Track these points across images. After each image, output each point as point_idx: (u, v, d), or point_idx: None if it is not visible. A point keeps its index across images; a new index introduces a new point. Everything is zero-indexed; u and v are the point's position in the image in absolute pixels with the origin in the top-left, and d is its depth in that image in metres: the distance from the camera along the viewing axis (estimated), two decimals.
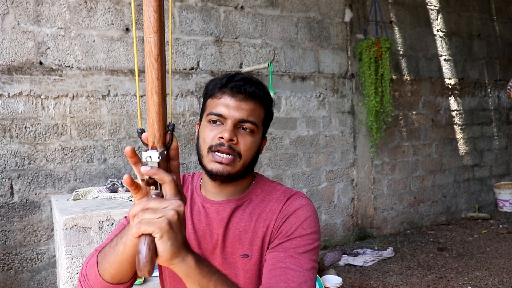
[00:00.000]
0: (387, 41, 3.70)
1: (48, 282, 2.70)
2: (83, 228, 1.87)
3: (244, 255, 1.00)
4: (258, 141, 1.03)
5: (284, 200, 1.02)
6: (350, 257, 3.53)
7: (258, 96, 1.02)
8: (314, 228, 0.98)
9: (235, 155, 0.97)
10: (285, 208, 1.00)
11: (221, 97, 1.00)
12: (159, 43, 0.66)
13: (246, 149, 0.99)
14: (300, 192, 1.06)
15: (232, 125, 0.97)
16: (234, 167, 0.98)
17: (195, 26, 3.21)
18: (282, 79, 3.60)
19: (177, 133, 3.14)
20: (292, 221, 0.98)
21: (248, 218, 1.02)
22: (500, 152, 5.28)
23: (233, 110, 0.97)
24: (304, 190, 3.74)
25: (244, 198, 1.05)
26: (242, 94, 0.99)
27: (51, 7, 2.72)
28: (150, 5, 0.64)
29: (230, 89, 0.99)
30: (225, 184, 1.02)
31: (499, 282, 3.03)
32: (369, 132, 4.05)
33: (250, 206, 1.04)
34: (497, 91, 5.23)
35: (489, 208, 5.11)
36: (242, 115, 0.98)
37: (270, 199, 1.04)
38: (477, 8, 5.00)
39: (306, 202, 1.01)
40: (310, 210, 1.00)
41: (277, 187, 1.08)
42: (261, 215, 1.02)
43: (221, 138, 0.96)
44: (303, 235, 0.96)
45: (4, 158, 2.60)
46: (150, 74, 0.66)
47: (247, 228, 1.01)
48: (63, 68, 2.76)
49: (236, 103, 0.98)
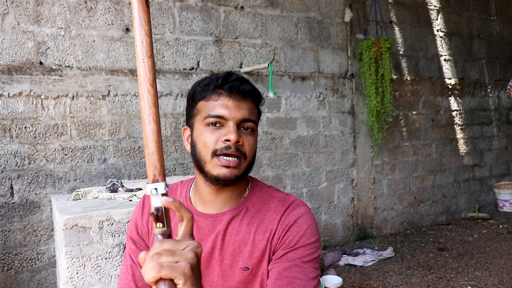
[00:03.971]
0: (387, 41, 3.70)
1: (48, 282, 2.70)
2: (83, 228, 1.87)
3: (244, 268, 0.97)
4: (257, 139, 1.01)
5: (283, 209, 1.00)
6: (350, 257, 3.53)
7: (254, 95, 1.00)
8: (316, 236, 0.98)
9: (241, 157, 0.94)
10: (285, 217, 0.98)
11: (218, 99, 0.96)
12: (153, 67, 0.62)
13: (250, 149, 0.97)
14: (298, 199, 1.03)
15: (236, 127, 0.94)
16: (240, 169, 0.95)
17: (195, 26, 3.21)
18: (282, 79, 3.60)
19: (177, 133, 3.14)
20: (294, 230, 0.96)
21: (246, 230, 0.99)
22: (500, 152, 5.29)
23: (234, 111, 0.94)
24: (304, 190, 3.74)
25: (239, 208, 1.01)
26: (240, 93, 0.96)
27: (51, 7, 2.72)
28: (142, 29, 0.61)
29: (228, 89, 0.96)
30: (224, 188, 1.00)
31: (499, 282, 3.02)
32: (369, 132, 4.05)
33: (247, 216, 1.00)
34: (497, 91, 5.23)
35: (489, 208, 5.11)
36: (244, 115, 0.95)
37: (268, 209, 1.01)
38: (477, 8, 5.00)
39: (305, 210, 1.00)
40: (310, 218, 0.99)
41: (273, 194, 1.04)
42: (260, 226, 0.99)
43: (227, 140, 0.93)
44: (306, 245, 0.95)
45: (4, 158, 2.60)
46: (147, 101, 0.62)
47: (246, 240, 0.98)
48: (63, 68, 2.76)
49: (235, 103, 0.95)
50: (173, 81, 3.11)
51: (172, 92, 3.11)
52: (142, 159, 3.00)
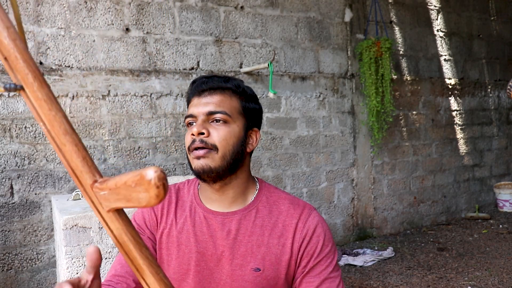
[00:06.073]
0: (387, 41, 3.70)
1: (48, 282, 2.70)
2: (83, 228, 1.87)
3: (256, 269, 0.98)
4: (237, 131, 0.99)
5: (297, 215, 1.02)
6: (350, 257, 3.53)
7: (225, 88, 1.00)
8: (332, 241, 1.04)
9: (209, 147, 0.95)
10: (301, 225, 1.01)
11: (192, 101, 1.02)
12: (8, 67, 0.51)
13: (221, 139, 0.96)
14: (308, 204, 1.06)
15: (202, 120, 0.97)
16: (213, 159, 0.95)
17: (195, 26, 3.21)
18: (282, 79, 3.60)
19: (177, 133, 3.14)
20: (314, 241, 1.01)
21: (260, 231, 1.01)
22: (500, 152, 5.29)
23: (201, 107, 0.98)
24: (304, 190, 3.74)
25: (250, 208, 1.03)
26: (206, 90, 1.00)
27: (51, 7, 2.72)
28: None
29: (195, 89, 1.01)
30: (222, 187, 1.00)
31: (499, 282, 3.02)
32: (369, 132, 4.05)
33: (259, 218, 1.02)
34: (497, 91, 5.23)
35: (489, 208, 5.11)
36: (209, 108, 0.97)
37: (280, 211, 1.03)
38: (477, 8, 5.00)
39: (319, 217, 1.04)
40: (325, 224, 1.04)
41: (281, 195, 1.07)
42: (274, 229, 1.01)
43: (193, 135, 0.96)
44: (327, 253, 1.01)
45: (4, 158, 2.60)
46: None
47: (260, 243, 0.99)
48: (63, 68, 2.76)
49: (203, 100, 0.99)
50: (173, 81, 3.11)
51: (172, 92, 3.11)
52: (142, 159, 3.00)
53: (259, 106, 1.08)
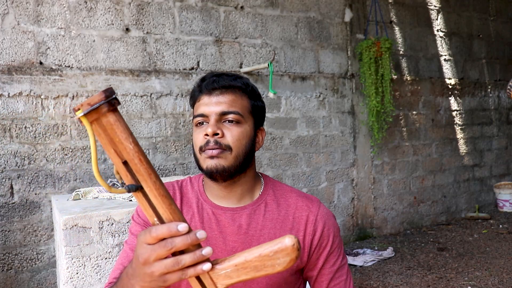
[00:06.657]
0: (387, 41, 3.70)
1: (48, 282, 2.70)
2: (83, 228, 1.87)
3: None
4: (249, 131, 1.00)
5: (307, 208, 1.04)
6: (350, 257, 3.53)
7: (235, 87, 1.00)
8: (339, 230, 1.08)
9: (223, 148, 0.95)
10: (313, 218, 1.03)
11: (201, 99, 1.00)
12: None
13: (235, 140, 0.97)
14: (314, 197, 1.09)
15: (215, 120, 0.96)
16: (226, 159, 0.96)
17: (195, 26, 3.21)
18: (282, 79, 3.60)
19: (177, 133, 3.14)
20: (326, 234, 1.03)
21: (271, 225, 1.01)
22: (500, 152, 5.29)
23: (212, 106, 0.97)
24: (304, 190, 3.74)
25: (258, 202, 1.04)
26: (217, 89, 0.99)
27: (51, 7, 2.72)
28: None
29: (205, 88, 1.00)
30: (230, 184, 1.01)
31: (499, 282, 3.02)
32: (369, 132, 4.05)
33: (268, 211, 1.03)
34: (497, 91, 5.23)
35: (489, 208, 5.11)
36: (222, 108, 0.97)
37: (288, 204, 1.04)
38: (477, 8, 5.00)
39: (327, 209, 1.08)
40: (332, 217, 1.07)
41: (287, 188, 1.09)
42: (285, 222, 1.02)
43: (206, 135, 0.95)
44: (338, 244, 1.05)
45: (4, 158, 2.60)
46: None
47: (271, 236, 1.00)
48: (63, 68, 2.76)
49: (214, 99, 0.98)
50: (173, 81, 3.11)
51: (172, 92, 3.11)
52: None
53: (264, 104, 1.09)
